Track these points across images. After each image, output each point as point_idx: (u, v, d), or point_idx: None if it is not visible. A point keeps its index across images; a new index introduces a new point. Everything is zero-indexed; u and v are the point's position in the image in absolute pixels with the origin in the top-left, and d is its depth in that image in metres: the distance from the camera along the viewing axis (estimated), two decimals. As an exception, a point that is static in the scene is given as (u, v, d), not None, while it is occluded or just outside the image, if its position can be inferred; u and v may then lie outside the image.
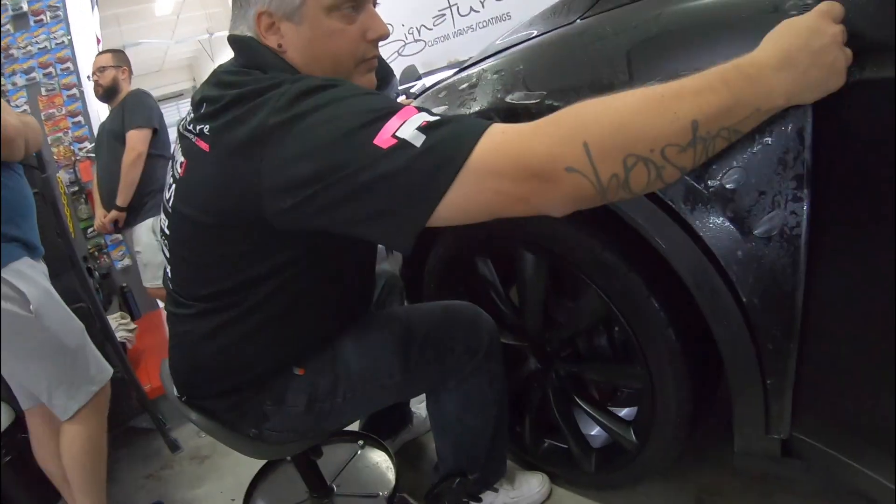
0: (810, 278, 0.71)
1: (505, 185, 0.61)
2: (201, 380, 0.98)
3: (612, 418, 1.16)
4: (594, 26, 0.92)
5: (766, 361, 0.80)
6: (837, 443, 0.79)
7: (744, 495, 1.13)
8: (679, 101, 0.58)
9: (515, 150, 0.61)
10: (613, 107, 0.60)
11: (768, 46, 0.61)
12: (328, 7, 0.79)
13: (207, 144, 0.77)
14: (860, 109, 0.62)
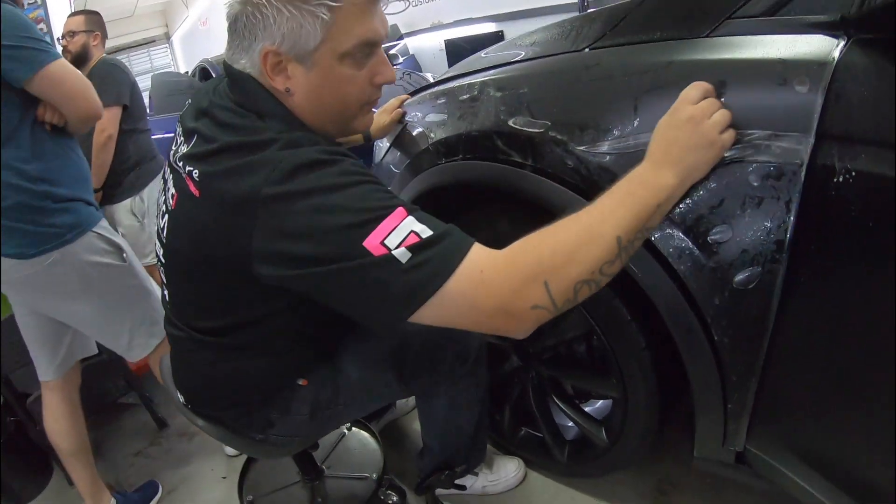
0: (776, 328, 0.82)
1: (477, 316, 0.70)
2: (207, 396, 1.03)
3: (586, 418, 1.29)
4: (604, 61, 0.95)
5: (728, 390, 0.91)
6: (782, 458, 0.92)
7: (699, 488, 1.28)
8: (603, 224, 0.70)
9: (488, 290, 0.68)
10: (561, 242, 0.70)
11: (651, 149, 0.76)
12: (343, 54, 0.76)
13: (198, 190, 0.77)
14: (841, 197, 0.70)
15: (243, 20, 0.75)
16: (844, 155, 0.67)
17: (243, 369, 0.96)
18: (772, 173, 0.74)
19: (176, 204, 0.84)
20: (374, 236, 0.67)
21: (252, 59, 0.77)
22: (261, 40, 0.75)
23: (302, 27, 0.73)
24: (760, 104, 0.75)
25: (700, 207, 0.81)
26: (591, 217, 0.71)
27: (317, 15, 0.72)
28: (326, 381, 1.02)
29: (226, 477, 1.63)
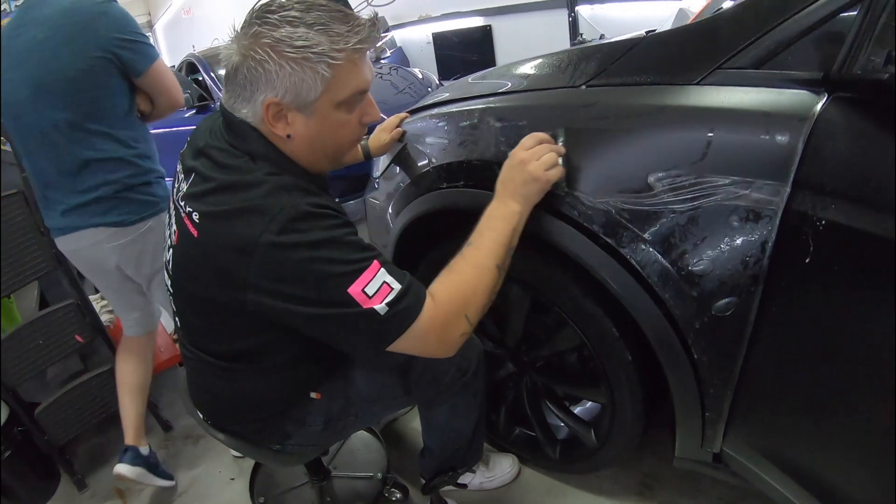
0: (749, 350, 0.92)
1: (424, 348, 0.90)
2: (225, 412, 1.11)
3: (577, 421, 1.39)
4: (601, 102, 1.02)
5: (707, 401, 1.02)
6: (753, 459, 1.03)
7: (679, 482, 1.40)
8: (489, 259, 0.92)
9: (434, 332, 0.88)
10: (465, 283, 0.91)
11: (497, 188, 0.99)
12: (339, 102, 0.84)
13: (196, 231, 0.85)
14: (811, 242, 0.78)
15: (244, 72, 0.81)
16: (817, 205, 0.76)
17: (255, 388, 1.04)
18: (750, 216, 0.83)
19: (178, 240, 0.92)
20: (356, 285, 0.80)
21: (254, 108, 0.84)
22: (263, 92, 0.81)
23: (303, 81, 0.80)
24: (744, 152, 0.83)
25: (685, 243, 0.90)
26: (475, 256, 0.93)
27: (317, 71, 0.79)
28: (338, 394, 1.11)
29: (234, 479, 1.69)
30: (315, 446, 1.18)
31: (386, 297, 0.81)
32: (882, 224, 0.70)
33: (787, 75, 0.82)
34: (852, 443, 0.85)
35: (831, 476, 0.90)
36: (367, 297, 0.80)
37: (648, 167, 0.92)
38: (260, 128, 0.86)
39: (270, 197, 0.80)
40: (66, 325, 1.65)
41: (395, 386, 1.13)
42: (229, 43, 0.83)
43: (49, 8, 1.31)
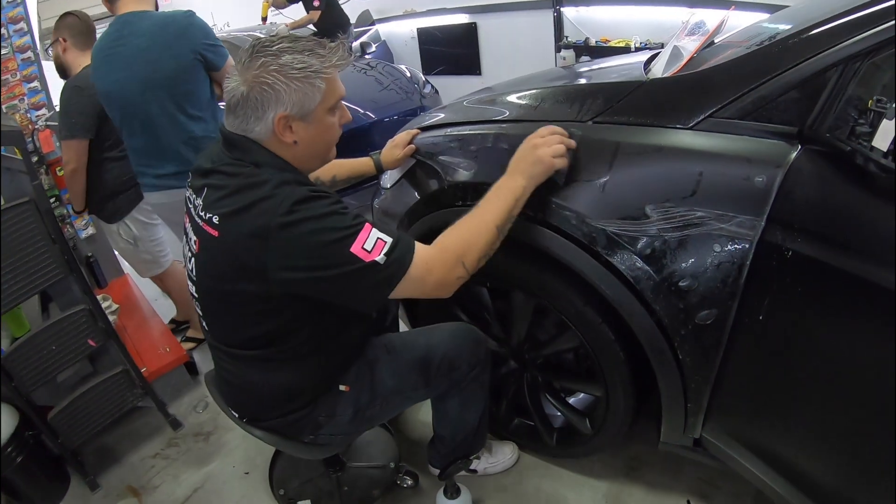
0: (726, 353, 1.09)
1: (425, 289, 1.05)
2: (261, 409, 1.23)
3: (573, 411, 1.56)
4: (607, 140, 1.15)
5: (689, 395, 1.19)
6: (729, 443, 1.22)
7: (663, 464, 1.59)
8: (491, 219, 1.08)
9: (432, 272, 1.03)
10: (465, 235, 1.08)
11: (510, 164, 1.15)
12: (330, 108, 1.05)
13: (217, 231, 1.01)
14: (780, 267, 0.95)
15: (255, 97, 0.99)
16: (786, 237, 0.93)
17: (288, 379, 1.17)
18: (730, 244, 1.00)
19: (199, 247, 1.08)
20: (356, 244, 0.97)
21: (266, 124, 1.01)
22: (273, 109, 1.00)
23: (306, 95, 1.00)
24: (728, 190, 1.00)
25: (674, 264, 1.06)
26: (479, 215, 1.10)
27: (315, 85, 1.00)
28: (365, 386, 1.25)
29: (249, 473, 1.78)
30: (343, 436, 1.31)
31: (382, 250, 0.98)
32: (838, 257, 0.87)
33: (767, 127, 0.99)
34: (811, 429, 1.03)
35: (795, 457, 1.09)
36: (367, 253, 0.97)
37: (646, 198, 1.07)
38: (264, 141, 1.04)
39: (276, 189, 0.97)
40: (79, 331, 1.69)
41: (416, 379, 1.28)
42: (230, 79, 1.02)
43: (146, 21, 1.72)
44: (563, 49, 4.94)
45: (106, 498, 1.78)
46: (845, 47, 0.91)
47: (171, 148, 1.80)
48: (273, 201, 0.96)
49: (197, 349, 2.42)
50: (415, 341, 1.35)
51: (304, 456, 1.34)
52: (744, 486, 1.48)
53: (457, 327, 1.39)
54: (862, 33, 0.89)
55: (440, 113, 1.66)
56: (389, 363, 1.28)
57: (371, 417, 1.29)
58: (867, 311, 0.88)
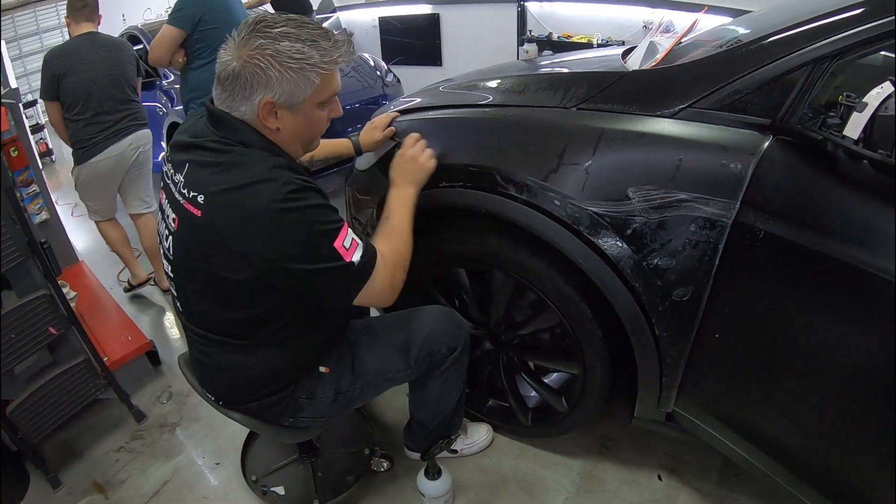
0: (700, 328, 1.16)
1: (380, 297, 1.11)
2: (240, 392, 1.22)
3: (549, 390, 1.61)
4: (591, 126, 1.19)
5: (664, 368, 1.26)
6: (700, 416, 1.29)
7: (633, 443, 1.66)
8: (406, 227, 1.20)
9: (385, 280, 1.09)
10: (399, 246, 1.17)
11: (393, 178, 1.29)
12: (320, 103, 1.04)
13: (200, 211, 0.97)
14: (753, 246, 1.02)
15: (246, 76, 0.96)
16: (758, 219, 1.00)
17: (268, 361, 1.15)
18: (706, 225, 1.06)
19: (178, 226, 1.04)
20: (339, 240, 0.99)
21: (251, 106, 0.99)
22: (261, 93, 0.97)
23: (297, 86, 0.97)
24: (705, 175, 1.06)
25: (654, 243, 1.12)
26: (396, 227, 1.20)
27: (309, 78, 0.98)
28: (346, 368, 1.26)
29: (219, 463, 1.74)
30: (324, 419, 1.32)
31: (356, 251, 1.02)
32: (805, 236, 0.95)
33: (742, 118, 1.06)
34: (781, 400, 1.11)
35: (764, 426, 1.17)
36: (346, 251, 1.00)
37: (628, 181, 1.12)
38: (251, 121, 1.01)
39: (272, 172, 0.96)
40: (40, 318, 1.62)
41: (397, 361, 1.30)
42: (226, 51, 0.98)
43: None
44: (527, 43, 5.05)
45: (70, 495, 1.70)
46: (815, 49, 0.99)
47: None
48: (271, 185, 0.94)
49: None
50: (396, 324, 1.36)
51: (284, 440, 1.34)
52: (710, 460, 1.57)
53: (437, 310, 1.41)
54: (831, 37, 0.98)
55: (416, 98, 1.68)
56: (370, 345, 1.29)
57: (352, 399, 1.30)
58: (833, 286, 0.95)
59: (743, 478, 1.54)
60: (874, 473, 1.02)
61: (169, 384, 2.11)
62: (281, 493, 1.58)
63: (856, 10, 0.98)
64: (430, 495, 1.46)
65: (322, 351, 1.24)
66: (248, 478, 1.62)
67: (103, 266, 3.09)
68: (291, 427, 1.29)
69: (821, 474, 1.10)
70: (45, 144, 5.32)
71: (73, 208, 3.98)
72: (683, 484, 1.56)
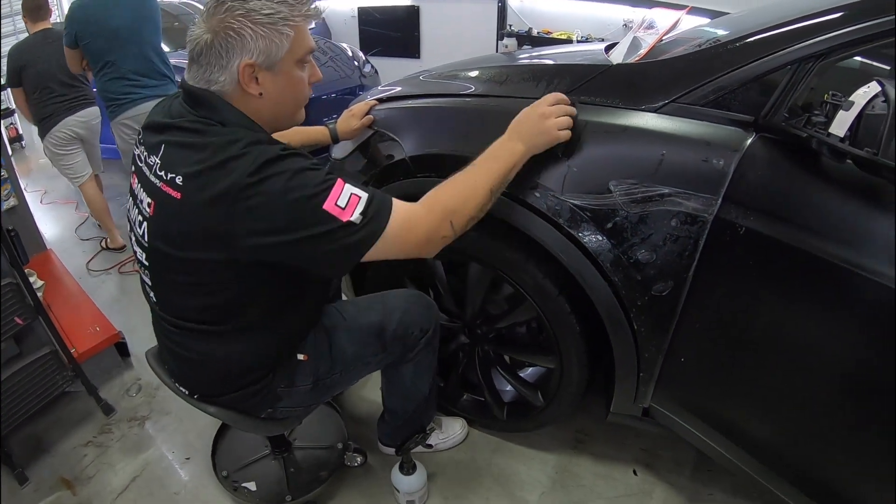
0: (678, 323, 1.16)
1: (405, 248, 1.01)
2: (216, 385, 1.18)
3: (525, 384, 1.60)
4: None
5: (642, 364, 1.26)
6: (676, 411, 1.30)
7: (607, 437, 1.67)
8: (486, 180, 1.05)
9: (414, 230, 1.00)
10: (457, 195, 1.04)
11: (511, 126, 1.11)
12: (298, 60, 0.99)
13: (179, 193, 0.93)
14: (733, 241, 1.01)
15: (220, 43, 0.93)
16: (739, 215, 1.00)
17: (245, 349, 1.11)
18: (688, 220, 1.06)
19: (154, 210, 0.99)
20: (329, 201, 0.92)
21: (230, 73, 0.95)
22: (239, 56, 0.94)
23: (273, 42, 0.94)
24: (688, 170, 1.05)
25: (634, 237, 1.12)
26: (473, 175, 1.06)
27: (283, 33, 0.95)
28: (324, 355, 1.23)
29: (189, 458, 1.70)
30: (303, 408, 1.30)
31: (357, 207, 0.94)
32: (786, 232, 0.95)
33: (726, 115, 1.06)
34: (758, 397, 1.12)
35: (741, 422, 1.18)
36: (341, 210, 0.92)
37: (611, 175, 1.12)
38: (231, 94, 0.97)
39: (247, 148, 0.92)
40: (6, 307, 1.55)
41: (374, 344, 1.29)
42: (195, 28, 0.95)
43: None
44: (506, 37, 5.04)
45: (37, 492, 1.63)
46: (800, 48, 0.99)
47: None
48: (243, 160, 0.90)
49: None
50: (369, 307, 1.34)
51: (261, 433, 1.30)
52: (684, 454, 1.59)
53: (408, 293, 1.41)
54: (815, 38, 0.98)
55: (396, 86, 1.66)
56: (347, 330, 1.27)
57: (331, 386, 1.28)
58: (814, 284, 0.96)
59: (717, 472, 1.56)
60: (850, 468, 1.03)
61: (138, 377, 2.05)
62: (252, 490, 1.54)
63: (840, 13, 0.99)
64: (405, 490, 1.45)
65: (299, 338, 1.20)
66: (218, 473, 1.58)
67: (72, 255, 3.00)
68: (269, 419, 1.26)
69: (797, 469, 1.11)
70: (14, 130, 5.14)
71: (43, 195, 3.87)
72: (658, 478, 1.57)
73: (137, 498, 1.60)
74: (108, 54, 2.39)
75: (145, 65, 2.46)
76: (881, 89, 0.85)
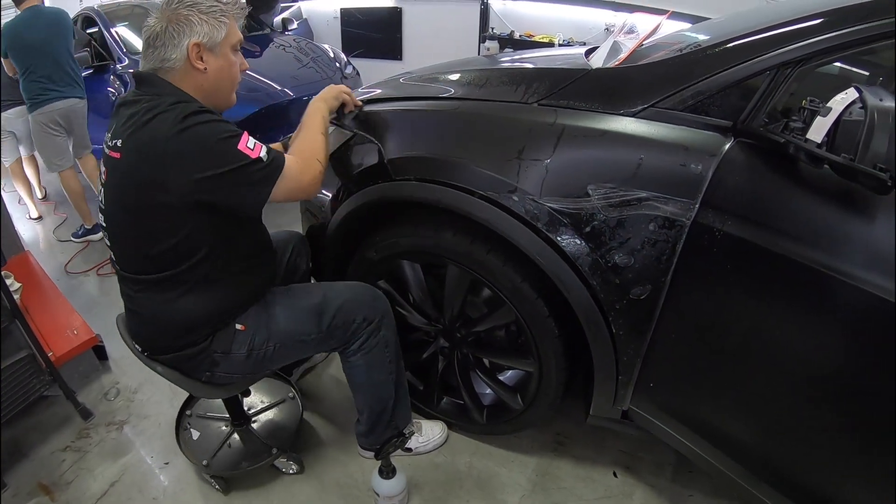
0: (657, 326, 1.16)
1: (300, 184, 1.22)
2: (161, 340, 1.29)
3: (504, 387, 1.60)
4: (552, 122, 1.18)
5: (620, 366, 1.26)
6: (654, 414, 1.30)
7: (586, 440, 1.67)
8: (318, 130, 1.32)
9: (303, 171, 1.23)
10: (312, 142, 1.29)
11: (314, 98, 1.40)
12: (232, 46, 1.23)
13: (120, 153, 1.12)
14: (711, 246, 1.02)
15: (173, 27, 1.15)
16: (717, 219, 1.01)
17: (185, 308, 1.24)
18: (665, 224, 1.06)
19: (107, 176, 1.19)
20: (241, 144, 1.13)
21: (181, 51, 1.16)
22: (188, 37, 1.16)
23: (214, 28, 1.18)
24: (666, 174, 1.06)
25: (612, 241, 1.12)
26: (307, 130, 1.33)
27: (221, 21, 1.19)
28: (261, 326, 1.32)
29: (168, 463, 1.68)
30: (239, 375, 1.37)
31: (261, 150, 1.15)
32: (764, 237, 0.95)
33: (704, 120, 1.06)
34: (736, 399, 1.12)
35: (720, 424, 1.19)
36: (250, 150, 1.13)
37: (589, 178, 1.12)
38: (180, 70, 1.18)
39: (172, 105, 1.11)
40: (-21, 311, 1.54)
41: (310, 324, 1.34)
42: (150, 20, 1.18)
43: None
44: (489, 40, 5.05)
45: (15, 497, 1.60)
46: (778, 54, 1.00)
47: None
48: (169, 114, 1.09)
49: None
50: (314, 291, 1.42)
51: (203, 395, 1.41)
52: (664, 456, 1.59)
53: (357, 283, 1.47)
54: (794, 44, 0.99)
55: (377, 89, 1.65)
56: (286, 307, 1.35)
57: (264, 358, 1.33)
58: (790, 286, 0.96)
59: (697, 474, 1.57)
60: (828, 469, 1.04)
61: (116, 380, 2.03)
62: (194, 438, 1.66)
63: (819, 20, 1.00)
64: (385, 494, 1.44)
65: (241, 305, 1.30)
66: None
67: (50, 256, 2.96)
68: (209, 383, 1.35)
69: (776, 471, 1.12)
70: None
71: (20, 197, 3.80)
72: (638, 480, 1.57)
73: (117, 503, 1.57)
74: (27, 62, 2.90)
75: (56, 71, 2.96)
76: (859, 95, 0.86)
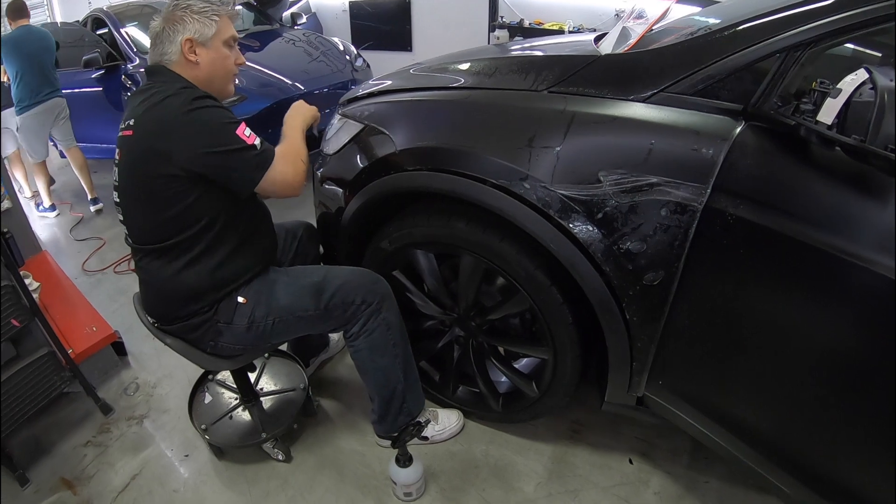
0: (671, 312, 1.17)
1: (286, 177, 1.32)
2: (168, 309, 1.39)
3: (520, 375, 1.61)
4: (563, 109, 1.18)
5: (635, 353, 1.26)
6: (670, 400, 1.30)
7: (602, 427, 1.68)
8: (297, 139, 1.42)
9: (290, 165, 1.33)
10: (292, 147, 1.38)
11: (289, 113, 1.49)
12: (224, 41, 1.35)
13: (132, 131, 1.25)
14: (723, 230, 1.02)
15: (169, 27, 1.30)
16: (729, 204, 1.00)
17: (189, 277, 1.33)
18: (677, 209, 1.06)
19: (120, 156, 1.31)
20: (240, 130, 1.25)
21: (176, 46, 1.30)
22: (181, 34, 1.30)
23: (205, 26, 1.31)
24: (677, 159, 1.05)
25: (625, 227, 1.12)
26: (294, 136, 1.42)
27: (212, 20, 1.31)
28: (262, 301, 1.39)
29: (188, 455, 1.71)
30: (241, 347, 1.44)
31: (256, 139, 1.28)
32: (776, 221, 0.95)
33: (715, 103, 1.06)
34: (750, 384, 1.12)
35: (734, 409, 1.19)
36: (247, 137, 1.26)
37: (600, 165, 1.12)
38: (177, 63, 1.31)
39: (180, 91, 1.24)
40: (2, 310, 1.55)
41: (309, 301, 1.40)
42: (154, 21, 1.33)
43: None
44: (498, 29, 5.03)
45: (38, 493, 1.63)
46: (788, 36, 0.99)
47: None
48: (179, 97, 1.22)
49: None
50: (316, 270, 1.50)
51: (208, 366, 1.47)
52: (680, 443, 1.60)
53: (357, 268, 1.52)
54: (804, 26, 0.98)
55: (386, 80, 1.65)
56: (287, 284, 1.43)
57: (265, 332, 1.40)
58: (804, 271, 0.96)
59: (713, 460, 1.57)
60: (843, 454, 1.04)
61: (136, 375, 2.06)
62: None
63: (829, 1, 0.98)
64: (402, 482, 1.46)
65: (244, 278, 1.38)
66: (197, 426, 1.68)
67: (67, 256, 3.00)
68: (214, 354, 1.43)
69: (790, 456, 1.12)
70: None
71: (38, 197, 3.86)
72: (654, 467, 1.58)
73: (138, 496, 1.60)
74: (20, 70, 3.41)
75: (42, 79, 3.46)
76: (869, 76, 0.85)
